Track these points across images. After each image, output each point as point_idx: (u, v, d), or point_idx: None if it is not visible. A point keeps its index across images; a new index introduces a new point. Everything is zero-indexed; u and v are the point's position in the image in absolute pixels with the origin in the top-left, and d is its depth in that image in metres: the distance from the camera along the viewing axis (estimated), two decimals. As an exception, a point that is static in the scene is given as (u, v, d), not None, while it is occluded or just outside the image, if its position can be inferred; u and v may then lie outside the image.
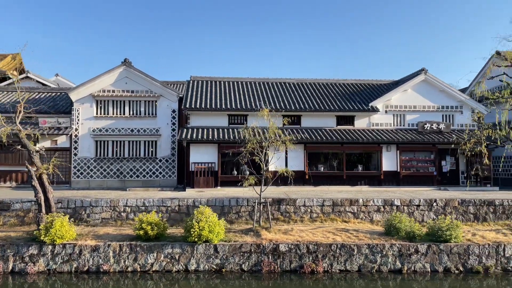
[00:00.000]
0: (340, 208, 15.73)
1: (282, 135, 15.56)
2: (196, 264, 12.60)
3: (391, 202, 15.73)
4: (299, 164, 21.45)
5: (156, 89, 22.77)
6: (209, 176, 20.71)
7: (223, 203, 15.68)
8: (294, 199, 15.79)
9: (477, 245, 12.69)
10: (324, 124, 22.79)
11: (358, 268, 12.58)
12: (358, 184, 21.65)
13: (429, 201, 15.72)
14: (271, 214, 15.55)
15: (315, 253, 12.65)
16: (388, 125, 23.15)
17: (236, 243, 12.80)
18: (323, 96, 24.07)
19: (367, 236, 13.44)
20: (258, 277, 12.27)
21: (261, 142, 15.08)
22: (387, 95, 23.15)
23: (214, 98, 23.07)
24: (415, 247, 12.66)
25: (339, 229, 14.21)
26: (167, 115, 22.84)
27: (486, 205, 15.67)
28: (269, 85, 25.40)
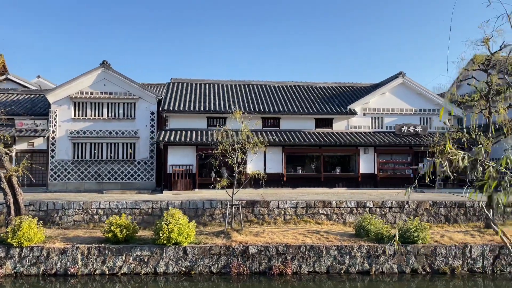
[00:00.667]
0: (314, 210, 15.82)
1: (254, 137, 15.56)
2: (165, 266, 12.56)
3: (363, 204, 15.86)
4: (277, 166, 21.53)
5: (134, 91, 22.69)
6: (187, 178, 20.68)
7: (197, 205, 15.66)
8: (268, 201, 15.83)
9: (444, 247, 12.86)
10: (303, 127, 22.90)
11: (327, 269, 12.66)
12: (336, 186, 21.78)
13: (401, 203, 15.89)
14: (245, 216, 15.61)
15: (284, 254, 12.70)
16: (366, 127, 23.35)
17: (205, 245, 12.81)
18: (302, 99, 24.21)
19: (337, 238, 13.54)
20: (227, 279, 12.28)
21: (234, 144, 15.08)
22: (365, 98, 23.37)
23: (193, 100, 23.06)
24: (383, 248, 12.78)
25: (310, 231, 14.29)
26: (146, 117, 22.76)
27: (457, 207, 15.89)
28: (249, 88, 25.47)
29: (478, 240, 13.41)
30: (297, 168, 22.04)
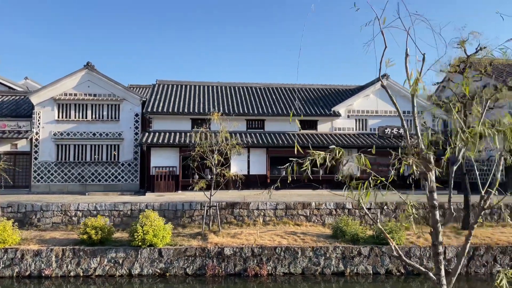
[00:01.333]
0: (293, 211, 15.86)
1: (233, 139, 15.59)
2: (140, 268, 12.53)
3: (343, 205, 15.93)
4: (261, 168, 21.58)
5: (119, 93, 22.66)
6: (170, 180, 20.66)
7: (176, 207, 15.66)
8: (248, 203, 15.85)
9: (419, 247, 12.93)
10: (287, 129, 22.97)
11: (302, 271, 12.68)
12: (319, 188, 21.82)
13: (380, 204, 15.95)
14: (225, 217, 15.63)
15: (259, 256, 12.72)
16: (351, 129, 23.46)
17: (181, 247, 12.80)
18: (287, 100, 24.28)
19: (314, 239, 13.57)
20: (202, 281, 12.28)
21: (211, 146, 15.10)
22: (349, 100, 23.49)
23: (177, 102, 23.07)
24: (358, 249, 12.84)
25: (288, 232, 14.32)
26: (130, 119, 22.74)
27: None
28: (234, 89, 25.52)
29: (453, 241, 13.49)
30: (281, 170, 22.08)
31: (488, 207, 4.28)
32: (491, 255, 12.86)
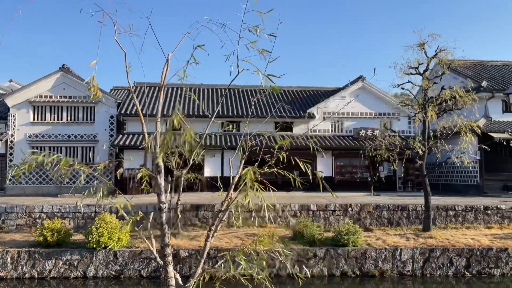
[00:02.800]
0: (258, 213, 15.81)
1: (193, 142, 15.53)
2: (95, 270, 12.55)
3: (307, 207, 15.93)
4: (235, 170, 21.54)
5: (94, 95, 22.69)
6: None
7: (140, 209, 15.64)
8: (213, 205, 15.85)
9: (374, 249, 12.94)
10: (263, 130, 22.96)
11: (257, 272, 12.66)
12: (292, 190, 21.85)
13: (344, 206, 15.96)
14: (189, 220, 15.65)
15: (215, 258, 12.73)
16: (326, 131, 23.50)
17: (136, 249, 12.82)
18: (263, 102, 24.32)
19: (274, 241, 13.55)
20: (157, 283, 12.29)
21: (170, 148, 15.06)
22: (324, 102, 23.55)
23: (153, 104, 23.12)
24: (314, 251, 12.85)
25: (248, 234, 14.32)
26: (105, 121, 22.79)
27: (400, 210, 15.99)
28: (212, 91, 25.57)
29: (411, 243, 13.49)
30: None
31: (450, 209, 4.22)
32: (447, 257, 12.85)
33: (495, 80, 24.46)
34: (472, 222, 15.81)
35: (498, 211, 15.99)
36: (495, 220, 15.89)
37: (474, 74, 25.72)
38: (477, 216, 15.88)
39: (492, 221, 15.87)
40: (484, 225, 15.77)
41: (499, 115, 23.43)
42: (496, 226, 15.68)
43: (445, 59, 14.53)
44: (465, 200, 18.46)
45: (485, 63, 28.36)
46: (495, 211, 15.98)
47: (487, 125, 22.38)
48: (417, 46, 14.52)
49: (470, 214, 15.89)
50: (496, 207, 16.02)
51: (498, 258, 12.82)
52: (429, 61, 14.67)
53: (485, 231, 15.13)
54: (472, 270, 12.74)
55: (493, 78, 24.98)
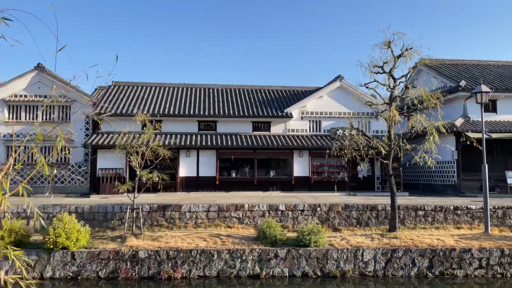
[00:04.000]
0: (226, 213, 15.71)
1: (152, 141, 15.42)
2: (52, 271, 12.36)
3: (276, 207, 15.78)
4: (210, 169, 21.44)
5: (69, 94, 22.51)
6: (116, 182, 20.45)
7: (107, 209, 15.50)
8: (180, 205, 15.70)
9: (336, 250, 12.79)
10: (240, 130, 22.86)
11: (217, 273, 12.53)
12: (270, 190, 21.74)
13: (313, 206, 15.83)
14: (156, 220, 15.49)
15: (174, 259, 12.56)
16: (304, 131, 23.36)
17: (95, 250, 12.63)
18: (241, 102, 24.18)
19: (236, 242, 13.42)
20: (115, 284, 12.11)
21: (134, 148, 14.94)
22: (302, 102, 23.40)
23: (128, 103, 22.94)
24: (275, 251, 12.69)
25: (212, 234, 14.17)
26: (81, 120, 22.60)
27: (369, 210, 15.86)
28: (188, 91, 25.39)
29: (375, 243, 13.34)
30: (232, 172, 21.96)
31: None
32: (410, 258, 12.72)
33: (475, 80, 24.35)
34: (442, 222, 15.70)
35: (468, 211, 15.88)
36: (465, 220, 15.78)
37: (454, 73, 25.64)
38: (446, 216, 15.77)
39: (462, 221, 15.77)
40: (453, 225, 15.66)
41: (478, 115, 23.25)
42: (466, 227, 15.57)
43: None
44: (436, 200, 18.38)
45: (468, 62, 28.30)
46: (465, 211, 15.88)
47: (464, 125, 22.29)
48: (384, 44, 14.39)
49: (439, 214, 15.78)
50: (466, 207, 15.92)
51: (462, 259, 12.70)
52: (395, 60, 14.52)
53: (454, 232, 15.03)
54: (435, 271, 12.61)
55: (473, 77, 24.88)
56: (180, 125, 22.24)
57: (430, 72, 26.76)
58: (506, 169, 22.07)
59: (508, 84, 23.77)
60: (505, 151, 22.50)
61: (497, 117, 23.30)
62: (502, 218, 15.81)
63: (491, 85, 23.44)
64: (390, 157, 14.50)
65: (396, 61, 14.66)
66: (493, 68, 27.42)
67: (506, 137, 21.42)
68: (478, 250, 12.77)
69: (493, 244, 13.12)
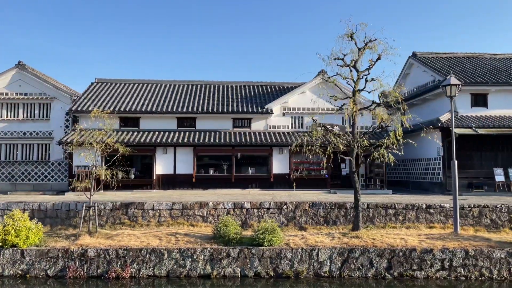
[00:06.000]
0: (190, 211, 15.39)
1: (106, 138, 15.18)
2: (1, 269, 12.25)
3: (241, 205, 15.38)
4: (188, 167, 21.14)
5: (50, 92, 22.53)
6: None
7: (69, 207, 15.36)
8: (143, 203, 15.45)
9: (290, 249, 12.32)
10: (220, 127, 22.50)
11: (167, 273, 12.21)
12: (249, 187, 21.34)
13: (279, 204, 15.37)
14: (118, 218, 15.28)
15: (124, 258, 12.30)
16: (286, 127, 22.86)
17: (44, 248, 12.48)
18: (222, 98, 23.81)
19: (191, 241, 13.08)
20: (63, 283, 11.92)
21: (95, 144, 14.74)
22: (284, 97, 22.90)
23: (107, 100, 22.81)
24: (227, 251, 12.31)
25: (170, 233, 13.86)
26: (61, 118, 22.60)
27: (337, 208, 15.32)
28: (167, 87, 25.15)
29: (334, 242, 12.82)
30: (210, 169, 21.62)
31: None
32: (367, 258, 12.16)
33: (466, 73, 23.45)
34: (414, 221, 15.06)
35: (441, 210, 15.20)
36: (438, 219, 15.11)
37: (446, 67, 24.73)
38: (418, 215, 15.12)
39: (435, 220, 15.10)
40: (426, 224, 15.01)
41: (467, 109, 22.48)
42: (439, 226, 14.91)
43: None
44: (414, 198, 17.75)
45: (462, 55, 27.30)
46: (438, 209, 15.20)
47: (451, 120, 21.41)
48: (346, 36, 13.81)
49: (411, 213, 15.15)
50: (439, 206, 15.24)
51: (422, 260, 12.07)
52: (359, 52, 13.93)
53: (425, 231, 14.39)
54: (394, 272, 12.03)
55: (464, 71, 23.96)
56: (158, 122, 22.02)
57: (420, 66, 25.95)
58: (495, 166, 21.16)
59: (500, 78, 22.78)
60: (494, 147, 21.59)
61: (488, 112, 22.36)
62: (478, 217, 15.07)
63: (481, 79, 22.58)
64: (353, 153, 13.93)
65: (360, 53, 14.05)
66: (488, 61, 26.38)
67: (494, 132, 20.51)
68: (441, 250, 12.12)
69: (458, 244, 12.45)
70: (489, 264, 11.98)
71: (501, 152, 21.63)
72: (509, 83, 22.17)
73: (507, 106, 22.41)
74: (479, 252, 12.07)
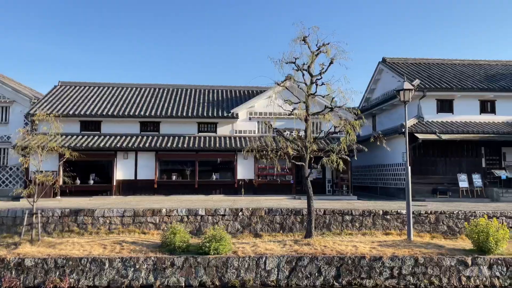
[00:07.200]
0: (142, 218, 14.91)
1: (51, 143, 14.67)
2: None
3: (195, 212, 14.97)
4: (150, 172, 20.65)
5: (8, 94, 21.87)
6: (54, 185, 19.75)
7: (16, 214, 14.77)
8: (93, 210, 14.92)
9: (237, 258, 11.95)
10: (185, 131, 22.09)
11: (108, 283, 11.70)
12: (212, 193, 20.93)
13: (234, 210, 15.01)
14: (67, 225, 14.73)
15: (63, 267, 11.77)
16: (252, 132, 22.56)
17: (-30, 257, 11.88)
18: (187, 102, 23.43)
19: (137, 249, 12.60)
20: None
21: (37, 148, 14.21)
22: (250, 102, 22.63)
23: (68, 104, 22.23)
24: (172, 260, 11.87)
25: (117, 241, 13.36)
26: (20, 121, 21.92)
27: (293, 215, 15.02)
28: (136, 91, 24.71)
29: (284, 250, 12.49)
30: (172, 175, 21.16)
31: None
32: (315, 266, 11.85)
33: (432, 79, 23.51)
34: (370, 228, 14.83)
35: (398, 216, 15.00)
36: (395, 226, 14.90)
37: (412, 72, 24.78)
38: (375, 222, 14.90)
39: (391, 226, 14.89)
40: (383, 231, 14.79)
41: (433, 115, 22.50)
42: (395, 232, 14.70)
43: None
44: (375, 204, 17.57)
45: (431, 61, 27.44)
46: (395, 216, 15.00)
47: (416, 126, 21.41)
48: (299, 39, 13.59)
49: (367, 219, 14.92)
50: (396, 212, 15.04)
51: (372, 268, 11.81)
52: (312, 55, 13.71)
53: (381, 238, 14.18)
54: (342, 281, 11.73)
55: (431, 76, 24.03)
56: (121, 126, 21.51)
57: (389, 71, 25.98)
58: (460, 172, 21.15)
59: (466, 83, 22.88)
60: (459, 153, 21.61)
61: (453, 118, 22.42)
62: (435, 224, 14.91)
63: (446, 84, 22.64)
64: (306, 159, 13.66)
65: (314, 57, 13.84)
66: (457, 67, 26.55)
67: (457, 138, 20.53)
68: (390, 258, 11.88)
69: (408, 252, 12.23)
70: (438, 272, 11.77)
71: (466, 158, 21.67)
72: (473, 88, 22.27)
73: (472, 112, 22.51)
74: (429, 260, 11.85)
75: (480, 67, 26.77)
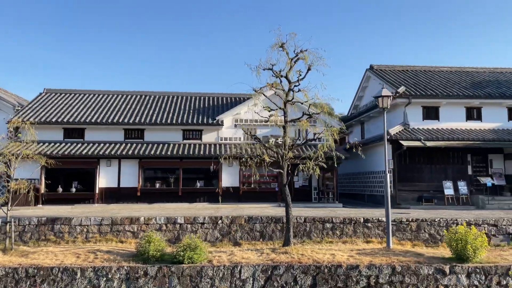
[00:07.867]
0: (119, 227, 14.70)
1: (22, 150, 14.50)
2: None
3: (174, 220, 14.78)
4: (133, 180, 20.45)
5: (-9, 102, 21.70)
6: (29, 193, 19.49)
7: (-10, 222, 14.52)
8: (70, 218, 14.71)
9: (212, 267, 11.75)
10: (170, 138, 21.94)
11: (79, 293, 11.49)
12: (197, 201, 20.74)
13: (214, 218, 14.83)
14: (43, 234, 14.51)
15: (34, 277, 11.54)
16: (238, 139, 22.44)
17: None
18: (173, 109, 23.32)
19: (111, 258, 12.38)
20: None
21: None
22: (235, 109, 22.54)
23: (54, 111, 22.07)
24: (145, 269, 11.66)
25: (92, 250, 13.13)
26: (3, 128, 21.68)
27: (273, 223, 14.85)
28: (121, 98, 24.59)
29: (261, 259, 12.31)
30: (156, 182, 20.97)
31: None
32: (291, 275, 11.66)
33: (418, 86, 23.51)
34: (351, 236, 14.67)
35: (379, 224, 14.87)
36: (376, 234, 14.76)
37: (400, 80, 24.80)
38: (356, 230, 14.75)
39: (372, 234, 14.75)
40: (364, 239, 14.64)
41: (419, 122, 22.45)
42: (376, 240, 14.55)
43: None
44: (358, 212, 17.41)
45: (419, 68, 27.48)
46: (376, 224, 14.87)
47: (401, 133, 21.35)
48: (277, 46, 13.54)
49: (348, 227, 14.77)
50: (377, 220, 14.91)
51: (348, 276, 11.63)
52: (290, 62, 13.65)
53: (361, 246, 14.02)
54: (318, 290, 11.55)
55: (417, 84, 24.03)
56: (104, 134, 21.36)
57: (376, 78, 25.99)
58: (445, 179, 21.06)
59: (452, 90, 22.89)
60: (444, 160, 21.54)
61: (439, 125, 22.37)
62: (417, 232, 14.77)
63: (432, 91, 22.64)
64: (283, 166, 13.54)
65: (292, 63, 13.78)
66: (444, 74, 26.61)
67: (442, 145, 20.47)
68: (367, 267, 11.72)
69: (386, 260, 12.07)
70: (416, 281, 11.60)
71: (451, 165, 21.59)
72: (459, 95, 22.27)
73: (458, 119, 22.49)
74: (406, 268, 11.69)
75: (467, 74, 26.83)
